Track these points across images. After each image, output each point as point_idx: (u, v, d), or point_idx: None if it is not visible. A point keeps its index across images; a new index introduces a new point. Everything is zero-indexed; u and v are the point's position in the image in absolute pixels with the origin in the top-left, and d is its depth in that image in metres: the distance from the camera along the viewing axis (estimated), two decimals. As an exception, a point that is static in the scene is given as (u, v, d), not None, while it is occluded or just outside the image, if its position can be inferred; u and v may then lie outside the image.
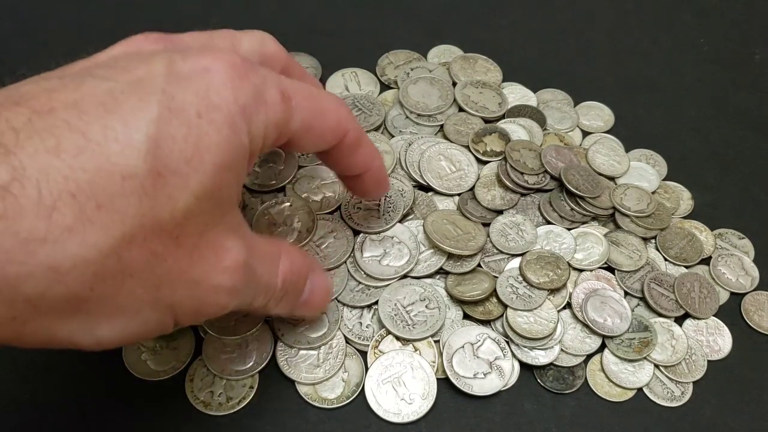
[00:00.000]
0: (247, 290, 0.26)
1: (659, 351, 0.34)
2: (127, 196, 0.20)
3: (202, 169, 0.22)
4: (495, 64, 0.44)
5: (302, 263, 0.29)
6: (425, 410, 0.31)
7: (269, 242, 0.28)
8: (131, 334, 0.23)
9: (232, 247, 0.24)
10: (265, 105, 0.24)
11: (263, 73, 0.24)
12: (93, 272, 0.20)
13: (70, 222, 0.19)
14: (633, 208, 0.37)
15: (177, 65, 0.22)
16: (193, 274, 0.23)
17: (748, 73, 0.46)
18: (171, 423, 0.31)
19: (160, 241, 0.21)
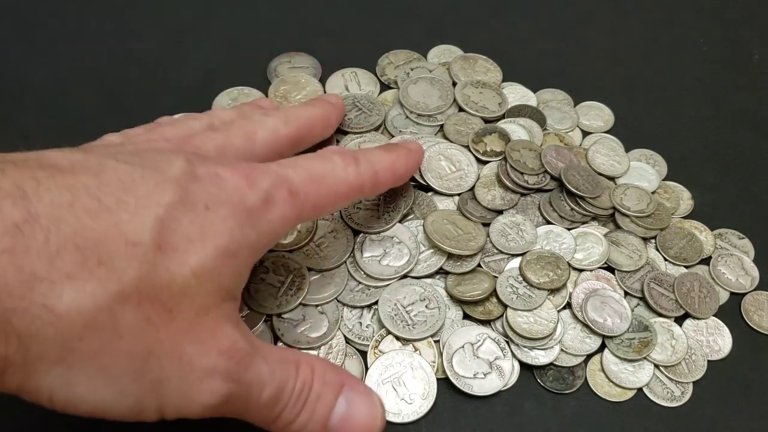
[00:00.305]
0: (251, 388, 0.24)
1: (659, 351, 0.34)
2: (128, 260, 0.21)
3: (203, 252, 0.23)
4: (495, 64, 0.44)
5: (333, 373, 0.27)
6: (425, 410, 0.31)
7: (284, 349, 0.28)
8: (106, 405, 0.22)
9: (230, 335, 0.24)
10: (274, 205, 0.26)
11: (272, 177, 0.26)
12: (84, 322, 0.21)
13: (70, 269, 0.20)
14: (633, 208, 0.37)
15: (194, 167, 0.24)
16: (185, 352, 0.23)
17: (747, 73, 0.46)
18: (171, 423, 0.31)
19: (154, 310, 0.22)
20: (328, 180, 0.29)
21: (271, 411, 0.26)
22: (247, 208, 0.25)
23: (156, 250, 0.22)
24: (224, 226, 0.24)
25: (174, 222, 0.23)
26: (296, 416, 0.26)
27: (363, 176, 0.30)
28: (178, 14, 0.47)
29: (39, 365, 0.21)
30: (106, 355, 0.21)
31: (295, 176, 0.27)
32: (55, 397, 0.22)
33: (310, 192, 0.28)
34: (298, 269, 0.34)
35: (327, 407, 0.27)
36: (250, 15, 0.47)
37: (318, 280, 0.34)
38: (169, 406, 0.23)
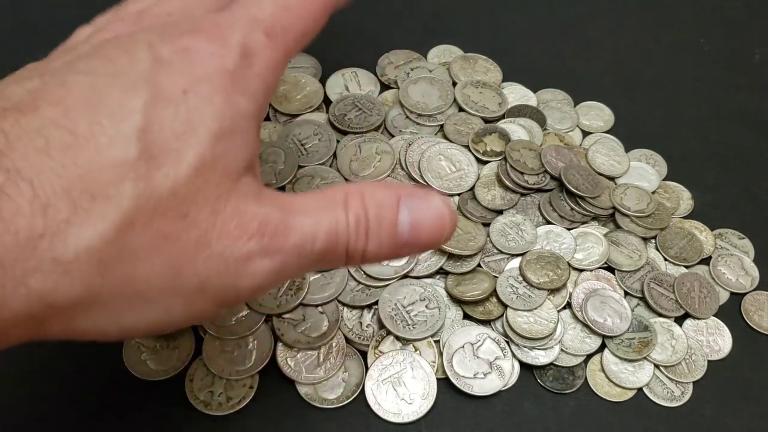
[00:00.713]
0: (299, 247, 0.23)
1: (659, 351, 0.34)
2: (119, 183, 0.20)
3: (196, 141, 0.21)
4: (495, 64, 0.44)
5: (384, 191, 0.25)
6: (425, 410, 0.31)
7: (327, 192, 0.25)
8: (160, 322, 0.22)
9: (256, 213, 0.22)
10: (255, 56, 0.24)
11: (245, 22, 0.24)
12: (98, 260, 0.20)
13: (65, 215, 0.19)
14: (633, 208, 0.37)
15: (158, 50, 0.22)
16: (214, 250, 0.22)
17: (748, 73, 0.46)
18: (171, 423, 0.31)
19: (167, 222, 0.21)
20: (298, 2, 0.26)
21: (335, 254, 0.24)
22: (228, 74, 0.23)
23: (147, 161, 0.20)
24: (211, 107, 0.22)
25: (155, 123, 0.21)
26: (364, 247, 0.25)
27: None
28: (178, 14, 0.46)
29: (73, 314, 0.20)
30: (135, 282, 0.21)
31: (264, 12, 0.25)
32: (107, 332, 0.21)
33: (287, 23, 0.25)
34: (298, 269, 0.34)
35: (392, 225, 0.25)
36: (250, 15, 0.47)
37: (318, 280, 0.34)
38: (223, 301, 0.23)
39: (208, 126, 0.22)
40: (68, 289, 0.20)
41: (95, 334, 0.21)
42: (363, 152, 0.38)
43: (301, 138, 0.39)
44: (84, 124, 0.20)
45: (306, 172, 0.37)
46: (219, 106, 0.22)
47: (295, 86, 0.42)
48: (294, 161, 0.38)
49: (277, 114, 0.40)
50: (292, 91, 0.41)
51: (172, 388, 0.31)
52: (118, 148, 0.20)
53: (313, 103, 0.41)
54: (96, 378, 0.32)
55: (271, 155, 0.38)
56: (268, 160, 0.38)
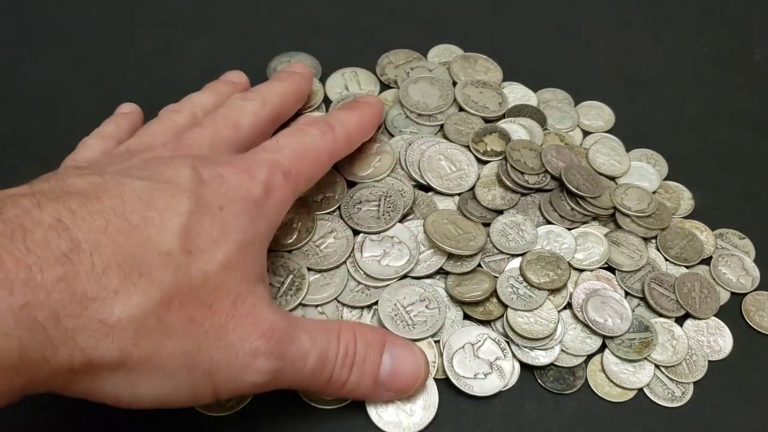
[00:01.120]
0: (295, 360, 0.27)
1: (660, 351, 0.34)
2: (163, 268, 0.24)
3: (227, 247, 0.26)
4: (495, 63, 0.44)
5: (373, 333, 0.30)
6: (426, 422, 0.31)
7: (324, 321, 0.31)
8: (167, 397, 0.25)
9: (267, 317, 0.26)
10: (273, 192, 0.29)
11: (268, 164, 0.29)
12: (135, 329, 0.23)
13: (116, 285, 0.23)
14: (633, 208, 0.37)
15: (199, 173, 0.27)
16: (229, 339, 0.25)
17: (748, 73, 0.46)
18: (171, 423, 0.31)
19: (195, 308, 0.25)
20: (312, 153, 0.32)
21: (320, 376, 0.28)
22: (253, 201, 0.28)
23: (186, 255, 0.24)
24: (238, 223, 0.27)
25: (196, 227, 0.25)
26: (347, 378, 0.29)
27: (339, 140, 0.33)
28: (178, 14, 0.46)
29: (102, 372, 0.23)
30: (159, 356, 0.24)
31: (284, 159, 0.30)
32: (120, 397, 0.24)
33: (300, 169, 0.30)
34: (297, 269, 0.34)
35: (374, 365, 0.29)
36: (250, 15, 0.47)
37: (318, 280, 0.34)
38: (223, 390, 0.26)
39: (236, 237, 0.26)
40: (107, 349, 0.23)
41: (110, 397, 0.24)
42: (363, 152, 0.38)
43: (301, 138, 0.39)
44: (137, 216, 0.24)
45: (306, 172, 0.37)
46: (245, 224, 0.27)
47: (295, 86, 0.41)
48: (294, 161, 0.37)
49: (277, 114, 0.40)
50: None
51: (171, 389, 0.31)
52: (164, 239, 0.24)
53: (313, 103, 0.41)
54: (95, 378, 0.32)
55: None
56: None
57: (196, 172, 0.27)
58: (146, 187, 0.25)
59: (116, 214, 0.24)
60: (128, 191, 0.25)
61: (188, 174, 0.27)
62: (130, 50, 0.44)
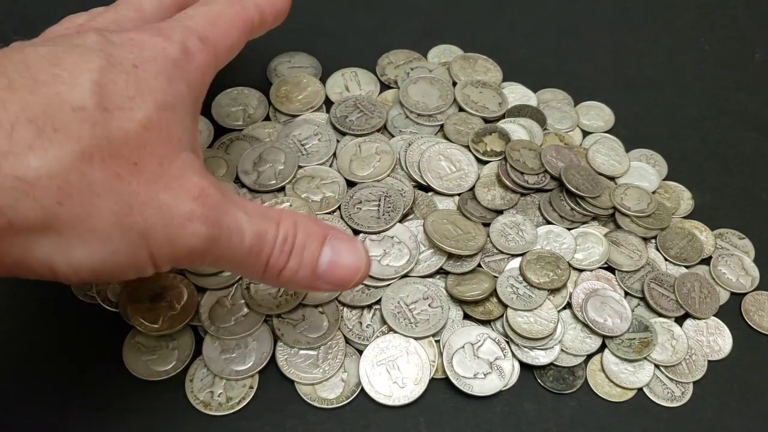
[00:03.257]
0: (231, 232, 0.26)
1: (659, 351, 0.34)
2: (80, 123, 0.23)
3: (145, 106, 0.24)
4: (495, 63, 0.44)
5: (314, 223, 0.29)
6: (416, 395, 0.31)
7: (266, 207, 0.29)
8: (104, 264, 0.24)
9: (198, 183, 0.25)
10: (193, 55, 0.28)
11: (182, 28, 0.28)
12: (58, 186, 0.22)
13: (29, 140, 0.22)
14: (633, 208, 0.37)
15: (107, 37, 0.26)
16: (161, 200, 0.24)
17: (748, 73, 0.46)
18: (171, 423, 0.31)
19: (119, 165, 0.23)
20: (224, 19, 0.31)
21: (257, 258, 0.27)
22: (171, 61, 0.27)
23: (102, 111, 0.23)
24: (156, 82, 0.25)
25: (110, 84, 0.24)
26: (285, 264, 0.28)
27: (249, 10, 0.32)
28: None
29: (29, 236, 0.22)
30: (90, 215, 0.23)
31: (196, 25, 0.29)
32: (56, 267, 0.23)
33: (216, 35, 0.30)
34: (298, 269, 0.34)
35: (314, 254, 0.28)
36: (250, 15, 0.47)
37: (318, 280, 0.34)
38: (160, 256, 0.25)
39: (154, 96, 0.25)
40: (28, 209, 0.22)
41: (46, 266, 0.23)
42: (363, 152, 0.38)
43: (301, 138, 0.39)
44: (44, 74, 0.23)
45: (306, 172, 0.37)
46: (163, 83, 0.26)
47: (296, 86, 0.42)
48: (294, 161, 0.38)
49: (277, 114, 0.40)
50: (293, 91, 0.41)
51: (172, 388, 0.31)
52: (76, 95, 0.23)
53: (314, 104, 0.41)
54: (96, 378, 0.32)
55: (271, 155, 0.38)
56: (268, 160, 0.38)
57: (105, 37, 0.26)
58: (51, 51, 0.24)
59: (19, 72, 0.23)
60: (31, 54, 0.24)
61: (94, 38, 0.25)
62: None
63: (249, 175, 0.37)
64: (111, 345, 0.32)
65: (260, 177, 0.37)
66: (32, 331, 0.33)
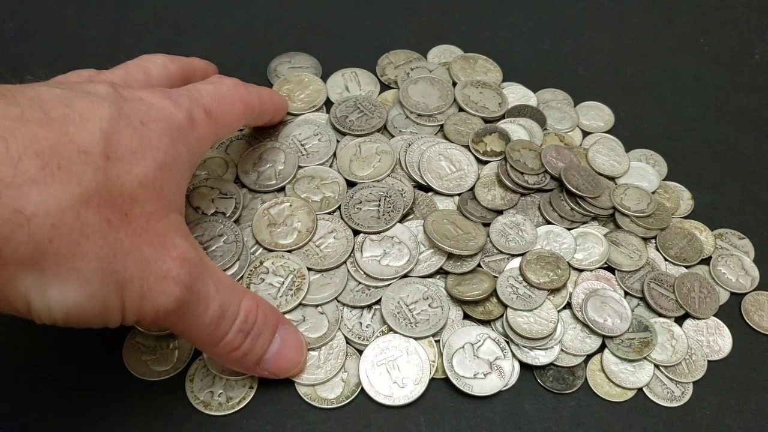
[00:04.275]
0: (199, 299, 0.27)
1: (659, 351, 0.34)
2: (83, 165, 0.23)
3: (145, 162, 0.25)
4: (495, 64, 0.44)
5: (271, 311, 0.30)
6: (416, 395, 0.31)
7: (231, 280, 0.30)
8: (79, 307, 0.24)
9: (181, 244, 0.26)
10: (197, 125, 0.29)
11: (190, 98, 0.29)
12: (52, 223, 0.22)
13: (33, 174, 0.22)
14: (633, 208, 0.37)
15: (118, 90, 0.27)
16: (143, 253, 0.25)
17: (748, 73, 0.46)
18: (171, 423, 0.31)
19: (112, 212, 0.24)
20: (228, 99, 0.32)
21: (214, 332, 0.28)
22: (176, 125, 0.28)
23: (105, 159, 0.24)
24: (160, 142, 0.26)
25: (116, 134, 0.25)
26: (239, 345, 0.29)
27: (252, 97, 0.34)
28: (178, 14, 0.47)
29: (14, 269, 0.22)
30: (76, 256, 0.23)
31: (204, 98, 0.30)
32: (32, 303, 0.23)
33: (219, 111, 0.31)
34: (297, 269, 0.34)
35: (265, 343, 0.30)
36: (250, 15, 0.47)
37: (318, 280, 0.34)
38: (130, 309, 0.25)
39: (155, 155, 0.26)
40: (20, 242, 0.22)
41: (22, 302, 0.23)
42: (363, 152, 0.38)
43: (301, 138, 0.39)
44: (56, 112, 0.23)
45: (306, 172, 0.37)
46: (165, 144, 0.27)
47: (298, 85, 0.42)
48: (294, 161, 0.38)
49: (277, 114, 0.40)
50: (295, 90, 0.41)
51: (172, 388, 0.32)
52: (85, 138, 0.23)
53: (316, 103, 0.41)
54: (96, 378, 0.32)
55: (271, 155, 0.38)
56: (268, 160, 0.38)
57: (116, 90, 0.27)
58: (65, 93, 0.25)
59: (32, 106, 0.23)
60: (45, 92, 0.24)
61: (106, 89, 0.26)
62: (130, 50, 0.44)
63: (249, 175, 0.37)
64: (111, 345, 0.32)
65: (260, 177, 0.37)
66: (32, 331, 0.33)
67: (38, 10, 0.46)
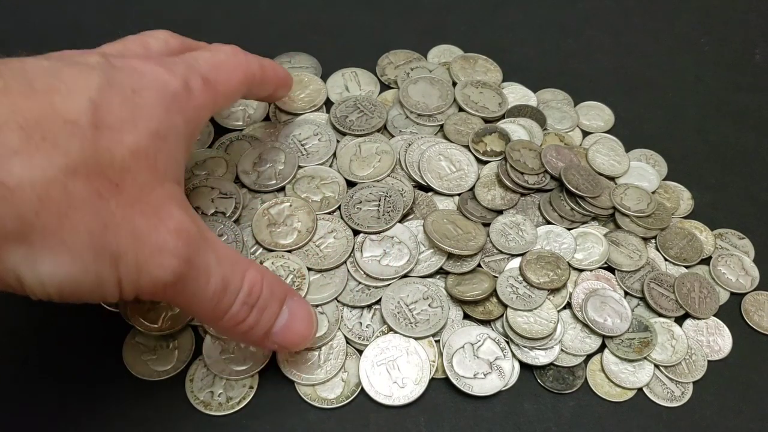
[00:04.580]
0: (199, 272, 0.26)
1: (659, 351, 0.34)
2: (69, 136, 0.22)
3: (136, 131, 0.24)
4: (495, 64, 0.44)
5: (278, 284, 0.29)
6: (416, 395, 0.31)
7: (237, 254, 0.29)
8: (74, 281, 0.23)
9: (177, 214, 0.25)
10: (193, 93, 0.28)
11: (186, 66, 0.28)
12: (38, 196, 0.21)
13: (16, 145, 0.21)
14: (633, 208, 0.37)
15: (109, 59, 0.26)
16: (136, 226, 0.24)
17: (748, 73, 0.46)
18: (171, 423, 0.31)
19: (102, 183, 0.23)
20: (227, 66, 0.31)
21: (217, 305, 0.27)
22: (171, 93, 0.27)
23: (93, 129, 0.23)
24: (153, 110, 0.25)
25: (105, 103, 0.24)
26: (244, 318, 0.28)
27: (252, 65, 0.33)
28: (178, 14, 0.47)
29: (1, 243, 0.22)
30: (64, 229, 0.22)
31: (200, 66, 0.29)
32: (23, 278, 0.22)
33: (218, 78, 0.30)
34: (298, 269, 0.34)
35: (272, 316, 0.29)
36: (250, 14, 0.47)
37: (318, 280, 0.34)
38: (127, 282, 0.24)
39: (147, 124, 0.25)
40: (4, 215, 0.21)
41: (12, 278, 0.22)
42: (363, 152, 0.38)
43: (301, 138, 0.39)
44: (42, 82, 0.23)
45: (306, 172, 0.37)
46: (159, 112, 0.26)
47: (298, 84, 0.42)
48: (294, 161, 0.38)
49: (277, 114, 0.40)
50: (295, 90, 0.41)
51: (172, 388, 0.32)
52: (71, 108, 0.23)
53: (316, 103, 0.41)
54: (96, 378, 0.32)
55: (271, 155, 0.38)
56: (268, 160, 0.38)
57: (107, 59, 0.26)
58: (52, 64, 0.24)
59: (16, 78, 0.22)
60: (31, 63, 0.24)
61: (98, 58, 0.25)
62: (130, 50, 0.44)
63: (249, 175, 0.37)
64: (111, 345, 0.32)
65: (260, 177, 0.37)
66: (32, 331, 0.33)
67: (38, 10, 0.46)
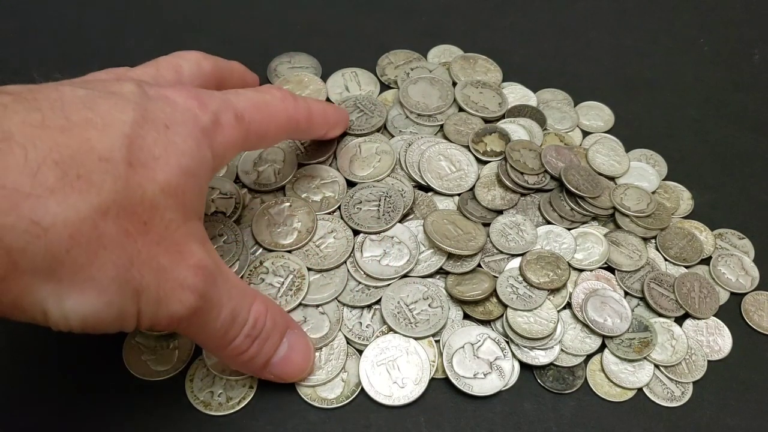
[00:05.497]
0: (212, 306, 0.26)
1: (659, 351, 0.34)
2: (103, 174, 0.22)
3: (168, 169, 0.24)
4: (495, 64, 0.44)
5: (281, 316, 0.30)
6: (416, 395, 0.31)
7: (242, 282, 0.29)
8: (96, 315, 0.23)
9: (197, 252, 0.26)
10: (223, 127, 0.28)
11: (218, 100, 0.28)
12: (70, 234, 0.22)
13: (52, 183, 0.21)
14: (633, 208, 0.37)
15: (144, 89, 0.26)
16: (160, 263, 0.24)
17: (747, 73, 0.46)
18: (171, 423, 0.31)
19: (131, 222, 0.23)
20: (269, 109, 0.31)
21: (224, 336, 0.28)
22: (201, 128, 0.27)
23: (127, 166, 0.23)
24: (185, 146, 0.25)
25: (139, 139, 0.24)
26: (246, 349, 0.29)
27: (299, 111, 0.32)
28: (178, 14, 0.47)
29: (31, 280, 0.22)
30: (93, 266, 0.22)
31: (239, 102, 0.29)
32: (48, 312, 0.23)
33: (254, 118, 0.29)
34: (297, 269, 0.34)
35: (273, 347, 0.30)
36: (250, 15, 0.47)
37: (318, 280, 0.34)
38: (145, 315, 0.25)
39: (179, 160, 0.25)
40: (36, 253, 0.21)
41: (39, 312, 0.23)
42: (363, 152, 0.38)
43: (301, 138, 0.39)
44: (78, 116, 0.23)
45: (306, 172, 0.37)
46: (190, 148, 0.26)
47: (298, 85, 0.42)
48: (294, 161, 0.38)
49: (277, 114, 0.40)
50: (295, 90, 0.41)
51: (172, 388, 0.31)
52: (106, 144, 0.23)
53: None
54: (96, 378, 0.32)
55: (271, 155, 0.38)
56: (267, 160, 0.38)
57: (142, 89, 0.26)
58: (88, 94, 0.24)
59: (54, 110, 0.22)
60: (68, 93, 0.23)
61: (131, 88, 0.25)
62: (130, 50, 0.44)
63: (249, 175, 0.37)
64: (111, 345, 0.32)
65: (260, 177, 0.37)
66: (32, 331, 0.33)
67: (38, 10, 0.46)
